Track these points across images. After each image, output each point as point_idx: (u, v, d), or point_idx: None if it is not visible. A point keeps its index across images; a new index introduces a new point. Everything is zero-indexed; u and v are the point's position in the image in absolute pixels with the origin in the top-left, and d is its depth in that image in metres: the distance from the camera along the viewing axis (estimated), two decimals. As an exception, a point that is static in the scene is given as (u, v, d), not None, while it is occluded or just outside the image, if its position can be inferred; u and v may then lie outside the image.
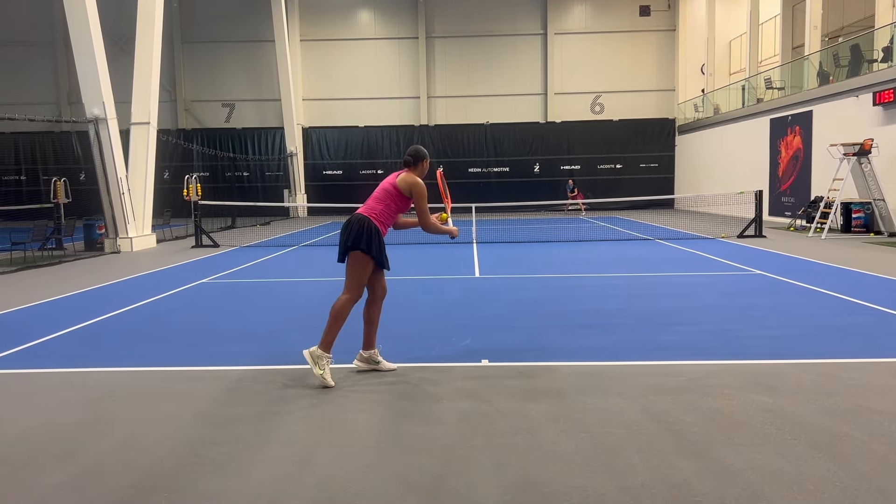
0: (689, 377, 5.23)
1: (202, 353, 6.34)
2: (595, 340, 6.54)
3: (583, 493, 3.36)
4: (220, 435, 4.24)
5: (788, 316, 7.50)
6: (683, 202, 31.20)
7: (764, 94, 24.62)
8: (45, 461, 3.88)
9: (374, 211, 5.33)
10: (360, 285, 5.30)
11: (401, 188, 5.34)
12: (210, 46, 32.79)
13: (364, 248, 5.21)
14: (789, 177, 21.95)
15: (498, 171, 32.47)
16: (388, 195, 5.37)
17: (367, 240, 5.22)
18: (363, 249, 5.21)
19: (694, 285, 9.77)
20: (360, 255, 5.24)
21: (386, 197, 5.37)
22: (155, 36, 17.45)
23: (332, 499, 3.36)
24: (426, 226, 5.46)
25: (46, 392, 5.22)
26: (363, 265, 5.27)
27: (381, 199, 5.38)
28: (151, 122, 17.58)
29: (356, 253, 5.24)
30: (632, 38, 32.21)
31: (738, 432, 4.10)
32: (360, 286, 5.30)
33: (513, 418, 4.42)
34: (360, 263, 5.26)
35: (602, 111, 32.59)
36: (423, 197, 5.38)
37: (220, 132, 33.02)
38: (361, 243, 5.21)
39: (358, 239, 5.21)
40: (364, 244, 5.21)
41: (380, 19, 32.60)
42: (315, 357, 5.18)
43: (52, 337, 7.05)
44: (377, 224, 5.30)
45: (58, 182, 18.71)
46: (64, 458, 3.92)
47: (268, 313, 8.29)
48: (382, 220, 5.35)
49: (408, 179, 5.36)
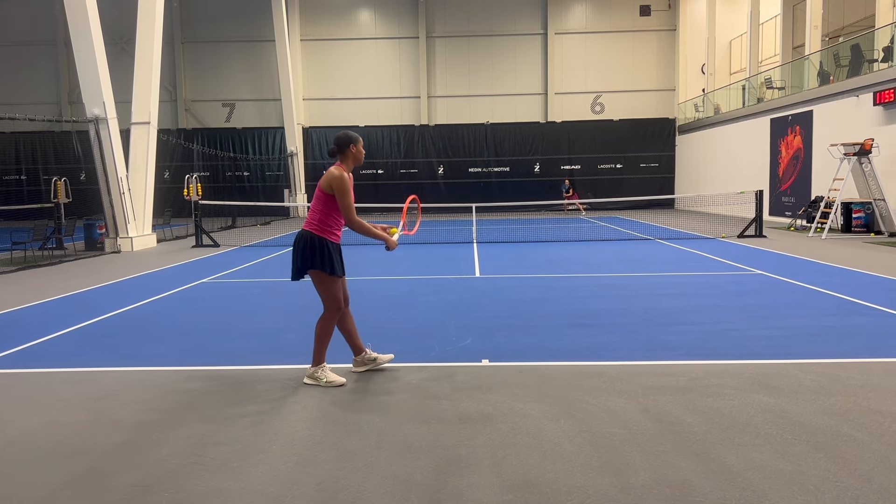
0: (689, 377, 5.24)
1: (203, 353, 6.35)
2: (596, 340, 6.55)
3: (584, 493, 3.37)
4: (222, 434, 4.25)
5: (789, 316, 7.51)
6: (684, 202, 31.21)
7: (764, 94, 24.62)
8: (47, 460, 3.89)
9: (314, 222, 5.13)
10: (335, 299, 5.19)
11: (323, 188, 5.09)
12: (210, 46, 32.79)
13: (318, 266, 5.08)
14: (790, 177, 21.96)
15: (498, 170, 32.47)
16: (319, 200, 5.12)
17: (317, 256, 5.08)
18: (318, 268, 5.09)
19: (694, 285, 9.77)
20: (316, 273, 5.13)
21: (318, 203, 5.14)
22: (155, 36, 17.46)
23: (334, 498, 3.37)
24: (351, 223, 5.10)
25: (48, 391, 5.22)
26: (328, 281, 5.14)
27: (315, 208, 5.15)
28: (152, 122, 17.58)
29: (313, 272, 5.13)
30: (632, 37, 32.22)
31: (739, 432, 4.10)
32: (335, 299, 5.20)
33: (514, 418, 4.43)
34: (324, 280, 5.14)
35: (602, 111, 32.59)
36: (344, 192, 5.02)
37: (221, 132, 33.03)
38: (314, 263, 5.08)
39: (308, 259, 5.09)
40: (318, 263, 5.08)
41: (380, 19, 32.60)
42: (313, 375, 5.24)
43: (53, 336, 7.05)
44: (321, 235, 5.10)
45: (58, 182, 18.73)
46: (66, 456, 3.92)
47: (268, 312, 8.29)
48: (325, 228, 5.12)
49: (328, 176, 5.06)
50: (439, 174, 32.56)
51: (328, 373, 5.23)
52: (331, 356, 5.47)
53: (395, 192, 31.44)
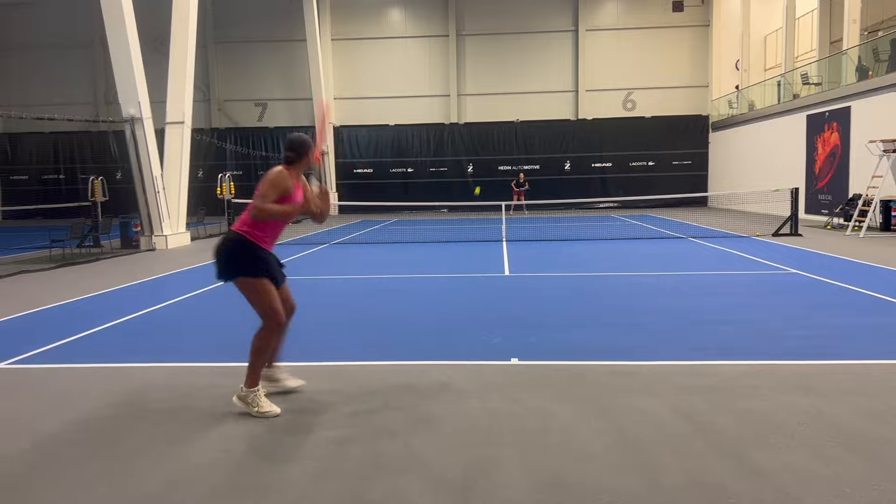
0: (722, 377, 5.17)
1: (236, 349, 6.41)
2: (627, 339, 6.49)
3: (614, 493, 3.34)
4: (254, 429, 4.30)
5: (824, 315, 7.36)
6: (717, 200, 30.77)
7: (800, 90, 24.16)
8: (82, 454, 3.97)
9: (244, 223, 4.52)
10: (272, 309, 4.53)
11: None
12: (243, 46, 33.15)
13: (243, 272, 4.48)
14: (826, 174, 21.52)
15: (528, 168, 32.31)
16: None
17: (240, 263, 4.49)
18: (244, 274, 4.49)
19: (728, 284, 9.63)
20: (244, 280, 4.50)
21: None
22: (189, 37, 17.71)
23: (362, 497, 3.39)
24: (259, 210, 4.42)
25: (85, 386, 5.33)
26: (259, 288, 4.49)
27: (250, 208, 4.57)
28: (186, 122, 17.84)
29: (239, 280, 4.50)
30: (665, 33, 31.83)
31: (774, 433, 4.04)
32: (272, 310, 4.53)
33: (543, 417, 4.41)
34: (253, 287, 4.49)
35: (634, 108, 32.26)
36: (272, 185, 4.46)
37: (253, 131, 33.38)
38: (238, 270, 4.48)
39: (231, 266, 4.51)
40: (242, 269, 4.48)
41: (410, 18, 32.66)
42: (245, 399, 4.54)
43: (90, 332, 7.19)
44: (250, 239, 4.50)
45: (95, 181, 19.08)
46: (101, 450, 4.00)
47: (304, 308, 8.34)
48: (257, 230, 4.52)
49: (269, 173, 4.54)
50: (468, 172, 32.53)
51: (262, 400, 4.54)
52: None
53: (424, 191, 31.55)
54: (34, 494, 3.48)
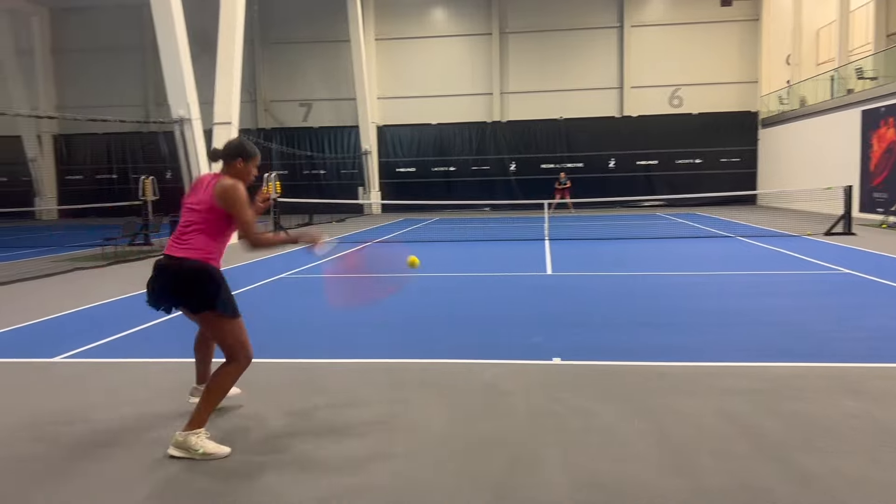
0: (767, 379, 5.06)
1: (277, 345, 6.53)
2: (670, 340, 6.40)
3: (655, 494, 3.31)
4: (295, 425, 4.37)
5: (878, 317, 7.15)
6: (766, 198, 30.06)
7: (855, 85, 23.44)
8: (138, 445, 4.09)
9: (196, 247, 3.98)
10: (242, 344, 4.04)
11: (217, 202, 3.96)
12: (288, 47, 33.59)
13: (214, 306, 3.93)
14: (882, 171, 20.84)
15: (571, 166, 32.04)
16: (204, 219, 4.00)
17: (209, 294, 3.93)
18: (213, 309, 3.94)
19: (776, 284, 9.42)
20: (213, 316, 3.97)
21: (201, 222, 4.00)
22: (237, 39, 18.03)
23: (401, 495, 3.42)
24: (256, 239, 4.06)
25: (139, 380, 5.49)
26: (229, 323, 4.00)
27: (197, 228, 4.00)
28: (233, 122, 18.17)
29: (208, 315, 3.97)
30: (712, 28, 31.20)
31: (822, 437, 3.94)
32: (243, 345, 4.04)
33: (584, 417, 4.38)
34: (225, 325, 4.00)
35: (681, 104, 31.71)
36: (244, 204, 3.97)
37: (298, 131, 33.81)
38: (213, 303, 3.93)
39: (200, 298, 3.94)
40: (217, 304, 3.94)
41: (453, 17, 32.67)
42: (184, 444, 3.86)
43: (141, 328, 7.37)
44: (214, 264, 4.03)
45: (146, 180, 19.55)
46: (155, 443, 4.11)
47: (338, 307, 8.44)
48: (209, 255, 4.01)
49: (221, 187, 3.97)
50: (511, 171, 32.41)
51: (206, 442, 3.89)
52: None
53: (466, 190, 31.54)
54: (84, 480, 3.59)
